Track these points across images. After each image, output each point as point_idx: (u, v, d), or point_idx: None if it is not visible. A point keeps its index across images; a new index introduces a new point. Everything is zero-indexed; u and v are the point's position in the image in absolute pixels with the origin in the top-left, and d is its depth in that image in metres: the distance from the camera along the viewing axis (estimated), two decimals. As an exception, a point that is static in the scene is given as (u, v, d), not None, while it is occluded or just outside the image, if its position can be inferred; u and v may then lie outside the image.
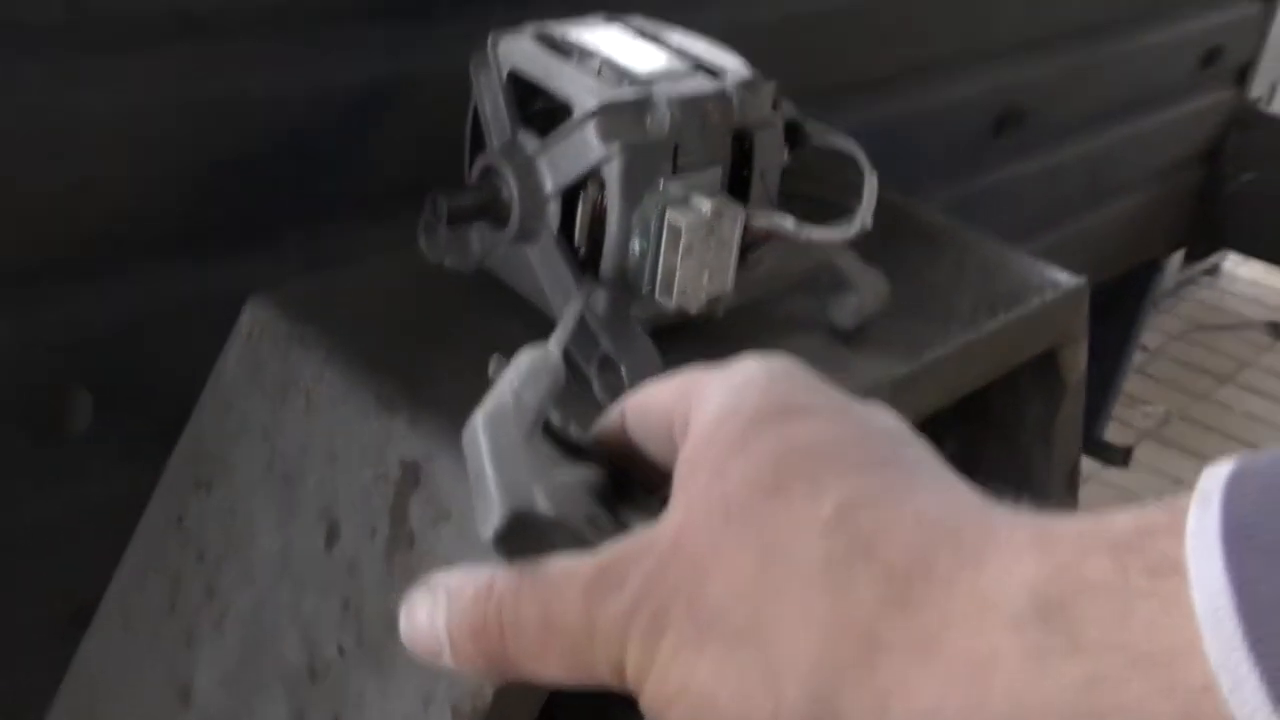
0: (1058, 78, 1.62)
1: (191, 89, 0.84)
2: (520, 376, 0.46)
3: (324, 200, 0.96)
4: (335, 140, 0.94)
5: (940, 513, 0.34)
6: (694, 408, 0.39)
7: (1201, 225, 2.17)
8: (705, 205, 0.80)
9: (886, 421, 0.39)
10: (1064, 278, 1.11)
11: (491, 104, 0.87)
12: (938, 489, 0.36)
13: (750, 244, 0.85)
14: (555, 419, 0.47)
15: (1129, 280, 2.24)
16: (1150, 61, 1.79)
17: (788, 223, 0.85)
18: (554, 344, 0.53)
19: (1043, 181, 1.71)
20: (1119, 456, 2.30)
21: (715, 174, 0.83)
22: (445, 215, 0.84)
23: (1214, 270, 3.77)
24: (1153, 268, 2.24)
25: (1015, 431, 1.28)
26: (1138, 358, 2.92)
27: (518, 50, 0.86)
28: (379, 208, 0.99)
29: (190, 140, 0.86)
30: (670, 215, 0.80)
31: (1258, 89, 2.07)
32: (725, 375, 0.40)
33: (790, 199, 0.91)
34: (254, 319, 0.93)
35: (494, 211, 0.86)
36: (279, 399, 0.90)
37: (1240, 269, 3.74)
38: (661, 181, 0.81)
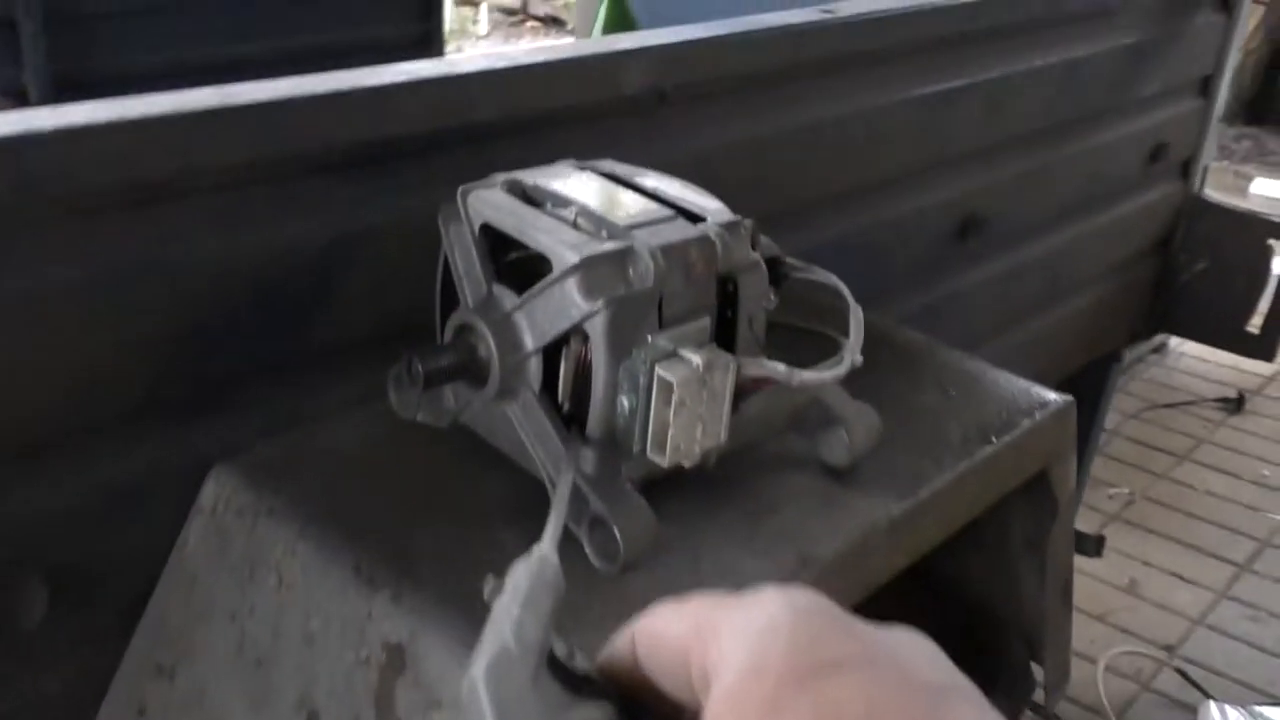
0: (1015, 182, 1.62)
1: (148, 256, 0.80)
2: (520, 602, 0.42)
3: (288, 359, 0.91)
4: (297, 297, 0.90)
5: None
6: (714, 656, 0.36)
7: (1156, 315, 2.19)
8: (696, 358, 0.77)
9: (920, 660, 0.36)
10: (1050, 396, 1.08)
11: (464, 258, 0.84)
12: None
13: (742, 392, 0.82)
14: (560, 648, 0.43)
15: (1088, 370, 2.24)
16: (1102, 160, 1.81)
17: (780, 369, 0.81)
18: (548, 545, 0.49)
19: (1004, 283, 1.71)
20: (1092, 546, 2.28)
21: (703, 324, 0.80)
22: (422, 379, 0.80)
23: (1161, 348, 3.82)
24: (1111, 358, 2.24)
25: (1002, 546, 1.24)
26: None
27: (489, 202, 0.83)
28: (345, 363, 0.94)
29: (147, 308, 0.82)
30: (660, 371, 0.76)
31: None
32: (745, 615, 0.36)
33: (769, 327, 0.89)
34: (218, 490, 0.88)
35: (472, 371, 0.82)
36: (247, 576, 0.85)
37: (1185, 345, 3.79)
38: (649, 335, 0.77)
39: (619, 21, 2.28)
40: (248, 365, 0.88)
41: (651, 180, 0.88)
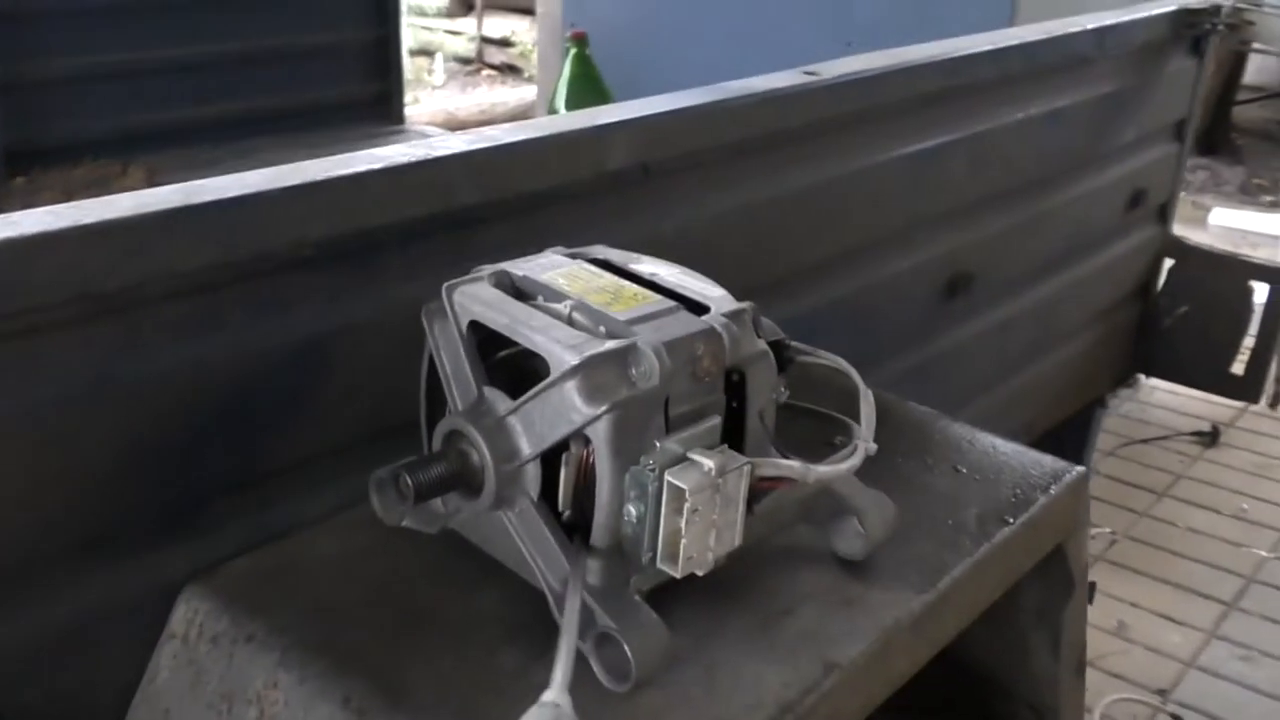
0: (1001, 236, 1.59)
1: (103, 372, 0.73)
2: None
3: (262, 470, 0.85)
4: (271, 403, 0.83)
5: None
6: None
7: (1140, 359, 2.17)
8: (709, 463, 0.71)
9: None
10: (1062, 467, 1.04)
11: (451, 359, 0.78)
12: None
13: (756, 493, 0.76)
14: None
15: (1073, 416, 2.21)
16: (1083, 209, 1.79)
17: (795, 467, 0.76)
18: (558, 692, 0.43)
19: (993, 337, 1.67)
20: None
21: (713, 424, 0.75)
22: (413, 494, 0.74)
23: (1133, 383, 3.81)
24: (1096, 403, 2.21)
25: (1013, 619, 1.19)
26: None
27: (477, 298, 0.77)
28: (325, 469, 0.88)
29: (108, 425, 0.75)
30: (671, 478, 0.70)
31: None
32: None
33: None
34: (189, 614, 0.81)
35: (464, 480, 0.76)
36: (225, 711, 0.78)
37: (1155, 379, 3.79)
38: (656, 439, 0.72)
39: (584, 78, 2.25)
40: (218, 480, 0.82)
41: (647, 266, 0.83)
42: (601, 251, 0.85)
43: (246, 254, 0.76)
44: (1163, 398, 3.86)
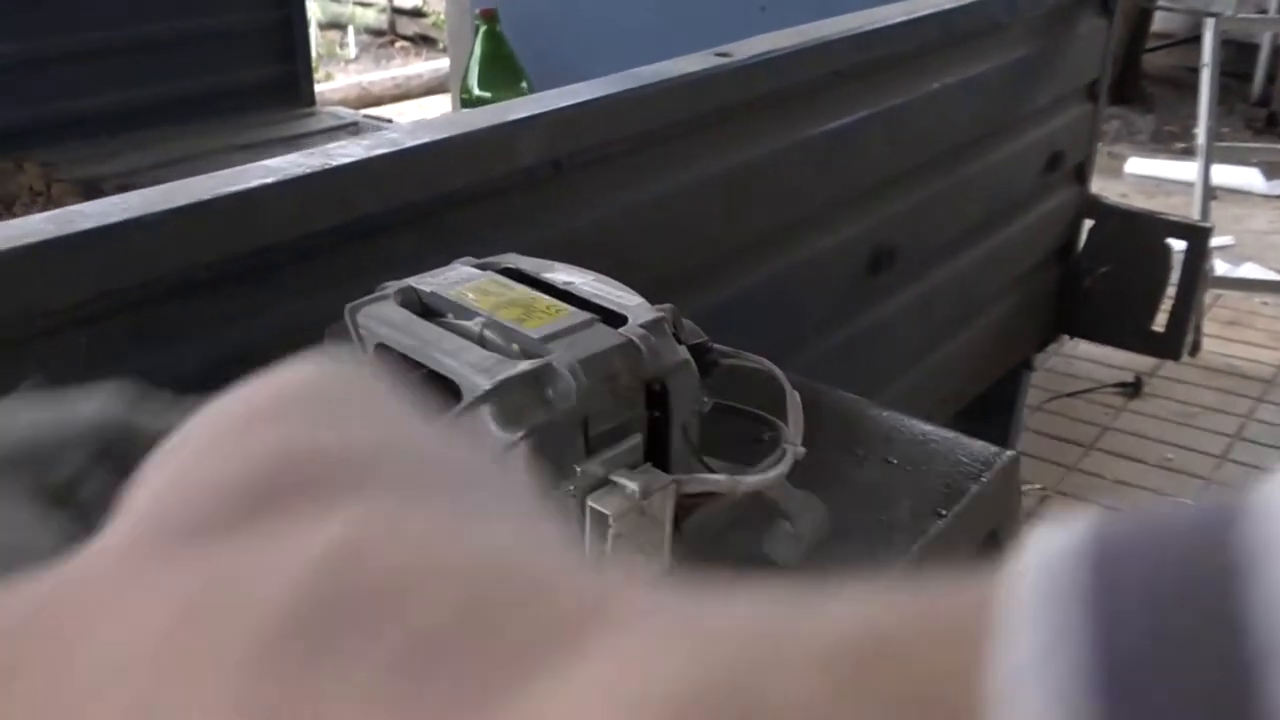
0: (922, 208, 1.58)
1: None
2: None
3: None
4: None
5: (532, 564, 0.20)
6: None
7: (1063, 321, 2.18)
8: (632, 485, 0.68)
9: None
10: (992, 453, 1.03)
11: (358, 383, 0.74)
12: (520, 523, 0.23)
13: (683, 510, 0.74)
14: None
15: (1000, 379, 2.22)
16: (1002, 176, 1.78)
17: (722, 480, 0.74)
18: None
19: (918, 310, 1.67)
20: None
21: (635, 442, 0.72)
22: (321, 532, 0.70)
23: (1058, 341, 3.86)
24: (1023, 365, 2.22)
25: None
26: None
27: (383, 320, 0.73)
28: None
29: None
30: (593, 503, 0.68)
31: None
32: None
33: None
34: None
35: (377, 511, 0.72)
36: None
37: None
38: (575, 463, 0.69)
39: (495, 56, 2.19)
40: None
41: (561, 275, 0.80)
42: (512, 260, 0.81)
43: (131, 283, 0.71)
44: (1087, 349, 3.91)
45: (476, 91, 2.19)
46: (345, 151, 0.83)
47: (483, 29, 2.17)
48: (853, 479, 0.97)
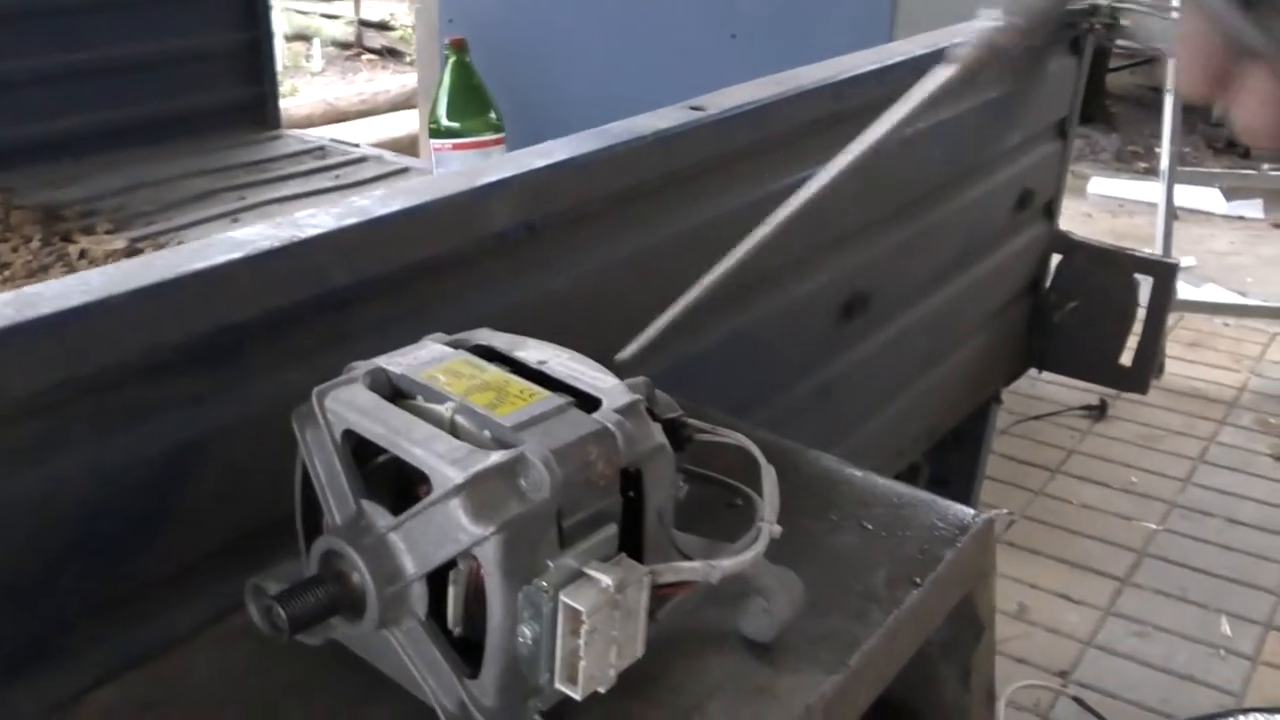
0: (895, 252, 1.58)
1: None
2: None
3: (125, 588, 0.79)
4: (133, 518, 0.77)
5: None
6: None
7: (1033, 355, 2.19)
8: (606, 579, 0.67)
9: None
10: (966, 517, 1.02)
11: (325, 469, 0.72)
12: None
13: (658, 599, 0.72)
14: None
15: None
16: (974, 216, 1.78)
17: (698, 569, 0.73)
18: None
19: (891, 352, 1.66)
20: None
21: (609, 534, 0.70)
22: (287, 628, 0.68)
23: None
24: (992, 398, 2.23)
25: (922, 654, 1.18)
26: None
27: (351, 404, 0.71)
28: (200, 577, 0.82)
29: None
30: (566, 599, 0.66)
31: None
32: None
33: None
34: (50, 752, 0.75)
35: (345, 603, 0.71)
36: None
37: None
38: (549, 558, 0.67)
39: (464, 88, 2.17)
40: (77, 607, 0.75)
41: (534, 353, 0.78)
42: (485, 337, 0.80)
43: (92, 368, 0.70)
44: (1051, 374, 3.95)
45: (445, 122, 2.17)
46: (315, 222, 0.82)
47: (452, 59, 2.15)
48: (828, 546, 0.96)
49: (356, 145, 2.82)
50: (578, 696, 0.69)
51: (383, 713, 0.76)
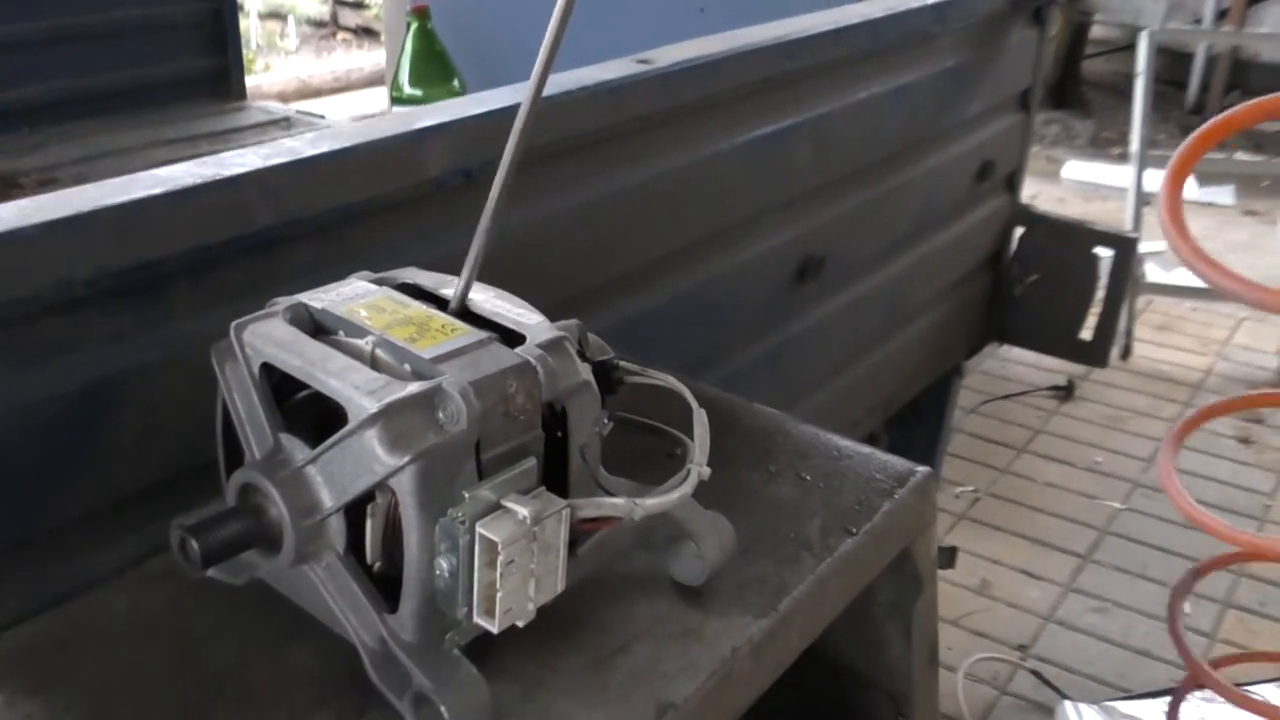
0: (851, 217, 1.57)
1: None
2: None
3: (42, 526, 0.77)
4: (48, 456, 0.76)
5: None
6: None
7: (993, 328, 2.19)
8: (523, 511, 0.67)
9: None
10: (906, 469, 1.02)
11: (244, 403, 0.72)
12: None
13: (579, 534, 0.72)
14: None
15: (932, 386, 2.23)
16: (932, 185, 1.78)
17: (619, 504, 0.72)
18: None
19: (846, 319, 1.66)
20: (944, 558, 2.27)
21: (529, 466, 0.70)
22: (199, 560, 0.67)
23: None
24: (953, 371, 2.23)
25: (866, 611, 1.18)
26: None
27: (269, 338, 0.71)
28: (121, 519, 0.81)
29: None
30: (482, 530, 0.66)
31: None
32: None
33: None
34: (-36, 690, 0.73)
35: (262, 536, 0.70)
36: (6, 800, 0.71)
37: (1011, 342, 3.88)
38: (465, 489, 0.67)
39: (426, 54, 2.15)
40: (-6, 544, 0.74)
41: (460, 290, 0.77)
42: (411, 275, 0.79)
43: (2, 299, 0.68)
44: (1021, 353, 3.95)
45: (408, 89, 2.15)
46: (241, 161, 0.81)
47: (414, 25, 2.14)
48: (764, 495, 0.96)
49: (322, 117, 2.80)
50: (494, 629, 0.68)
51: (305, 651, 0.76)
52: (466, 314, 0.75)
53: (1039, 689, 2.47)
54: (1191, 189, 5.37)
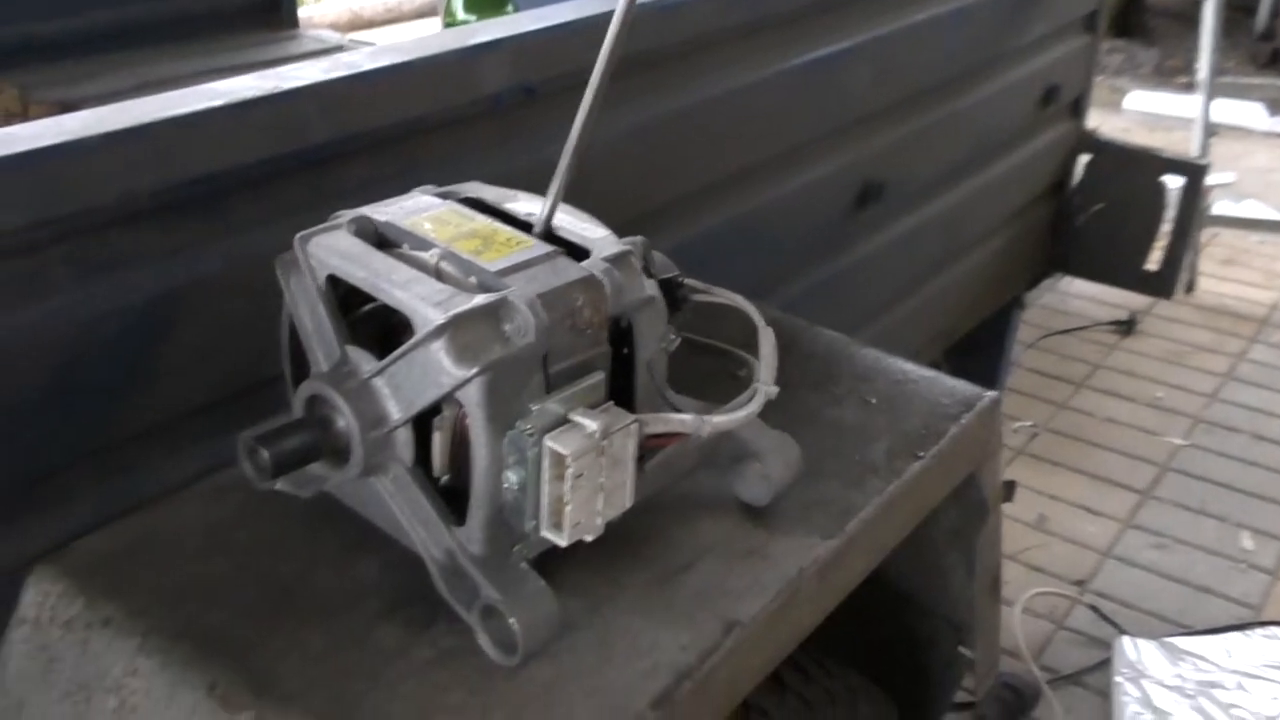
0: (911, 142, 1.54)
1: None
2: None
3: (113, 435, 0.78)
4: (116, 369, 0.76)
5: None
6: None
7: (1055, 258, 2.14)
8: (592, 424, 0.66)
9: None
10: (973, 394, 1.00)
11: (310, 316, 0.71)
12: None
13: (647, 450, 0.71)
14: None
15: (992, 316, 2.19)
16: (995, 110, 1.73)
17: (687, 420, 0.71)
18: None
19: (904, 247, 1.63)
20: (1004, 492, 2.25)
21: (597, 380, 0.69)
22: (270, 469, 0.67)
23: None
24: (1013, 303, 2.19)
25: (929, 540, 1.17)
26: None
27: (334, 250, 0.70)
28: (187, 431, 0.81)
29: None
30: (550, 443, 0.65)
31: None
32: None
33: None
34: (40, 597, 0.75)
35: (329, 448, 0.70)
36: (82, 701, 0.72)
37: (1073, 273, 3.80)
38: (533, 402, 0.66)
39: (481, -20, 2.13)
40: (63, 451, 0.75)
41: (524, 205, 0.76)
42: (475, 189, 0.78)
43: (67, 210, 0.68)
44: (1082, 287, 3.88)
45: (461, 15, 2.14)
46: (299, 74, 0.80)
47: (466, -48, 2.11)
48: (829, 419, 0.95)
49: (373, 45, 2.78)
50: (563, 543, 0.68)
51: (372, 563, 0.76)
52: (532, 229, 0.74)
53: (1097, 624, 2.45)
54: (1262, 118, 5.21)
